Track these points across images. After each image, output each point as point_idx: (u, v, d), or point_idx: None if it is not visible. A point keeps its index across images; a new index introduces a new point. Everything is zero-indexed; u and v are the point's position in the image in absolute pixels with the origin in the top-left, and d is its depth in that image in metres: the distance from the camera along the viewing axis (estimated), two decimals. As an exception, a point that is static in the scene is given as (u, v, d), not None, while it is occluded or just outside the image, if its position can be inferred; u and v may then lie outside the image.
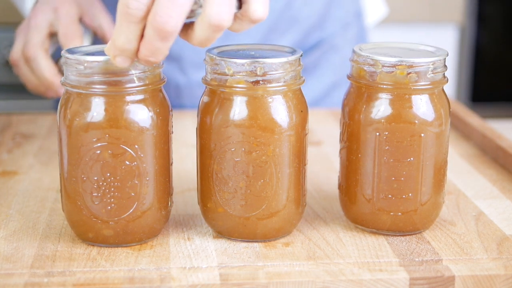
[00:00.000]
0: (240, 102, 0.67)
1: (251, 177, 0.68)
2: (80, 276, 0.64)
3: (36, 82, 0.98)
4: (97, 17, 0.98)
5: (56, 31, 0.97)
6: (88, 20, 0.98)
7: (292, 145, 0.68)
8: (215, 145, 0.68)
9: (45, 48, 0.97)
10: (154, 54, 0.64)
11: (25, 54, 0.97)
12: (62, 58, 0.67)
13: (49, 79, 0.95)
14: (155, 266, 0.66)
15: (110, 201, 0.67)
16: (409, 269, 0.66)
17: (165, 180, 0.70)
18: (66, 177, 0.68)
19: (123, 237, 0.69)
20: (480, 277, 0.65)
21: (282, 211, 0.69)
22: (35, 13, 0.98)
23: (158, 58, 0.64)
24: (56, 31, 0.97)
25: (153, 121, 0.67)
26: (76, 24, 0.96)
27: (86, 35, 0.99)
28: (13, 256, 0.67)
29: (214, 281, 0.63)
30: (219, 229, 0.71)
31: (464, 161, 0.93)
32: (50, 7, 0.97)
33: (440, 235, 0.72)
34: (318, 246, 0.70)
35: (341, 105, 0.73)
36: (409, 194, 0.70)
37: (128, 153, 0.66)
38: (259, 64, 0.66)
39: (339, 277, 0.64)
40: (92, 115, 0.66)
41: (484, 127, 0.99)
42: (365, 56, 0.70)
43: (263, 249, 0.69)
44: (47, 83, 0.96)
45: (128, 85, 0.66)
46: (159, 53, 0.64)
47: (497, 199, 0.81)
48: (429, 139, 0.69)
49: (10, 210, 0.77)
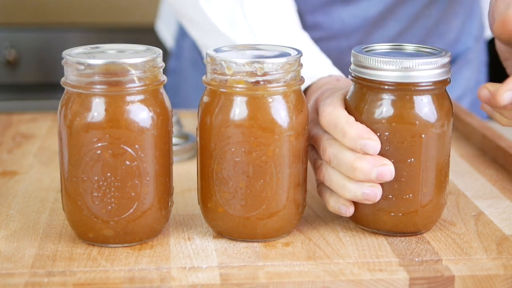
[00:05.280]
0: (240, 102, 0.67)
1: (251, 177, 0.68)
2: (81, 276, 0.64)
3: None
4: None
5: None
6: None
7: (292, 145, 0.68)
8: (215, 145, 0.68)
9: None
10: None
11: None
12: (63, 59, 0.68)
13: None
14: (155, 266, 0.66)
15: (110, 201, 0.67)
16: (409, 269, 0.66)
17: (165, 180, 0.70)
18: (67, 177, 0.68)
19: (124, 237, 0.69)
20: (479, 277, 0.65)
21: (282, 211, 0.69)
22: None
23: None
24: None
25: (154, 121, 0.67)
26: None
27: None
28: (13, 256, 0.67)
29: (214, 281, 0.63)
30: (219, 229, 0.71)
31: (464, 161, 0.93)
32: None
33: (440, 235, 0.72)
34: (318, 246, 0.70)
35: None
36: (410, 195, 0.70)
37: (128, 153, 0.66)
38: (259, 64, 0.66)
39: (339, 277, 0.64)
40: (93, 115, 0.66)
41: (484, 127, 0.99)
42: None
43: (263, 249, 0.69)
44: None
45: (129, 85, 0.66)
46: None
47: (497, 199, 0.81)
48: (430, 140, 0.69)
49: (11, 210, 0.77)
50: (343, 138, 0.69)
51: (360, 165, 0.68)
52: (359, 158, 0.68)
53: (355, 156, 0.68)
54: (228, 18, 0.95)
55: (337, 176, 0.70)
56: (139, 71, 0.66)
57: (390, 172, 0.68)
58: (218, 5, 0.96)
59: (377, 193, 0.69)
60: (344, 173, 0.69)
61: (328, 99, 0.72)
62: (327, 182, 0.71)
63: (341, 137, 0.69)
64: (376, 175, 0.68)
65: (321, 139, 0.72)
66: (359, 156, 0.68)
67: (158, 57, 0.68)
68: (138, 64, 0.66)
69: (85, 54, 0.68)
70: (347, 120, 0.69)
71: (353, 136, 0.68)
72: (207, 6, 0.96)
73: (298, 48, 0.71)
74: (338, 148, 0.69)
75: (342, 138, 0.69)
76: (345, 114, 0.70)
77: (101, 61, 0.66)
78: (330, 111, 0.70)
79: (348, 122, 0.69)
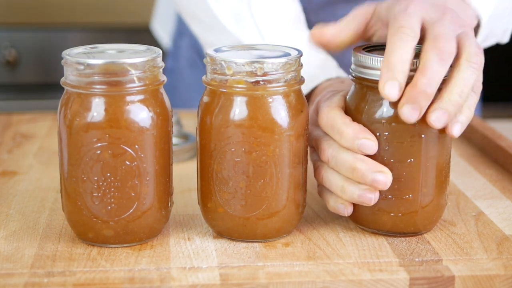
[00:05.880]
0: (240, 102, 0.67)
1: (251, 177, 0.68)
2: (80, 276, 0.64)
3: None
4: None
5: None
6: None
7: (292, 145, 0.68)
8: (215, 145, 0.68)
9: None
10: (430, 82, 0.64)
11: None
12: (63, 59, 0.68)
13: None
14: (155, 266, 0.66)
15: (110, 201, 0.67)
16: (409, 269, 0.66)
17: (165, 180, 0.70)
18: (66, 177, 0.68)
19: (123, 237, 0.69)
20: (480, 277, 0.65)
21: (282, 211, 0.69)
22: None
23: (432, 88, 0.65)
24: None
25: (153, 121, 0.67)
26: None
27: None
28: (13, 256, 0.67)
29: (214, 281, 0.63)
30: (219, 229, 0.71)
31: (464, 161, 0.93)
32: None
33: (440, 235, 0.72)
34: (318, 246, 0.70)
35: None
36: (410, 195, 0.70)
37: (128, 153, 0.66)
38: (259, 64, 0.66)
39: (339, 277, 0.64)
40: (93, 115, 0.66)
41: (484, 127, 0.99)
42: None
43: (263, 249, 0.69)
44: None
45: (128, 85, 0.66)
46: (435, 80, 0.65)
47: (497, 199, 0.81)
48: (430, 140, 0.69)
49: (10, 210, 0.77)
50: (340, 138, 0.69)
51: (359, 166, 0.68)
52: (359, 159, 0.68)
53: (355, 157, 0.68)
54: (235, 16, 0.95)
55: (336, 177, 0.70)
56: (139, 71, 0.66)
57: (386, 181, 0.68)
58: (225, 3, 0.96)
59: (372, 198, 0.69)
60: (343, 174, 0.69)
61: (327, 100, 0.72)
62: (325, 183, 0.71)
63: (338, 137, 0.69)
64: (371, 180, 0.68)
65: (321, 141, 0.72)
66: (360, 157, 0.68)
67: (158, 57, 0.68)
68: (138, 64, 0.66)
69: (84, 54, 0.68)
70: (343, 120, 0.69)
71: (350, 136, 0.68)
72: (214, 3, 0.96)
73: (303, 49, 0.71)
74: (336, 149, 0.69)
75: (339, 138, 0.69)
76: (341, 115, 0.70)
77: (101, 61, 0.66)
78: (327, 112, 0.70)
79: (345, 123, 0.69)
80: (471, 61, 0.67)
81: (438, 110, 0.66)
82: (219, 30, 0.96)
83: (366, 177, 0.68)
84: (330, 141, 0.70)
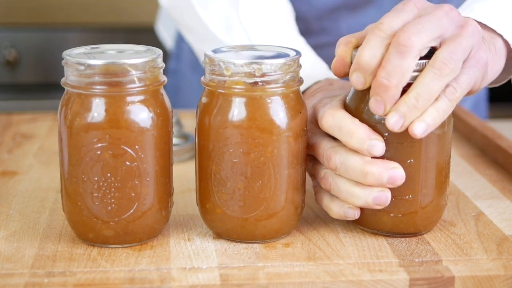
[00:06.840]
0: (239, 103, 0.67)
1: (250, 178, 0.68)
2: (81, 276, 0.64)
3: None
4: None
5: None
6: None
7: (290, 146, 0.68)
8: (213, 146, 0.68)
9: None
10: (389, 75, 0.65)
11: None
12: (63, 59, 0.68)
13: None
14: (155, 266, 0.66)
15: (110, 201, 0.67)
16: (409, 270, 0.66)
17: (166, 181, 0.70)
18: (67, 177, 0.68)
19: (124, 237, 0.69)
20: (480, 277, 0.65)
21: (281, 212, 0.69)
22: None
23: (392, 81, 0.65)
24: None
25: (154, 121, 0.67)
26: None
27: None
28: (13, 256, 0.67)
29: (214, 281, 0.63)
30: (218, 230, 0.71)
31: (464, 162, 0.93)
32: None
33: (440, 236, 0.72)
34: (318, 247, 0.70)
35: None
36: (409, 195, 0.70)
37: (128, 153, 0.66)
38: (257, 65, 0.66)
39: (339, 278, 0.64)
40: (93, 116, 0.66)
41: (484, 127, 0.99)
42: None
43: (263, 250, 0.69)
44: None
45: (129, 86, 0.66)
46: (395, 73, 0.65)
47: (497, 200, 0.81)
48: (429, 141, 0.69)
49: (10, 210, 0.77)
50: (350, 139, 0.68)
51: (371, 169, 0.67)
52: (369, 162, 0.68)
53: (364, 160, 0.68)
54: (225, 24, 0.96)
55: (345, 184, 0.69)
56: (139, 72, 0.66)
57: (401, 176, 0.68)
58: (214, 11, 0.97)
59: (387, 197, 0.68)
60: (353, 179, 0.68)
61: (327, 105, 0.72)
62: (334, 191, 0.70)
63: (348, 139, 0.68)
64: (388, 179, 0.67)
65: (321, 148, 0.71)
66: (368, 160, 0.68)
67: (158, 57, 0.68)
68: (138, 65, 0.66)
69: (85, 55, 0.68)
70: (352, 121, 0.69)
71: (361, 136, 0.67)
72: (204, 13, 0.97)
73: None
74: (344, 155, 0.69)
75: (349, 140, 0.68)
76: (349, 116, 0.69)
77: (101, 61, 0.66)
78: (333, 113, 0.69)
79: (355, 123, 0.68)
80: (434, 66, 0.66)
81: (392, 111, 0.66)
82: (211, 40, 0.97)
83: (382, 178, 0.67)
84: (336, 147, 0.69)
